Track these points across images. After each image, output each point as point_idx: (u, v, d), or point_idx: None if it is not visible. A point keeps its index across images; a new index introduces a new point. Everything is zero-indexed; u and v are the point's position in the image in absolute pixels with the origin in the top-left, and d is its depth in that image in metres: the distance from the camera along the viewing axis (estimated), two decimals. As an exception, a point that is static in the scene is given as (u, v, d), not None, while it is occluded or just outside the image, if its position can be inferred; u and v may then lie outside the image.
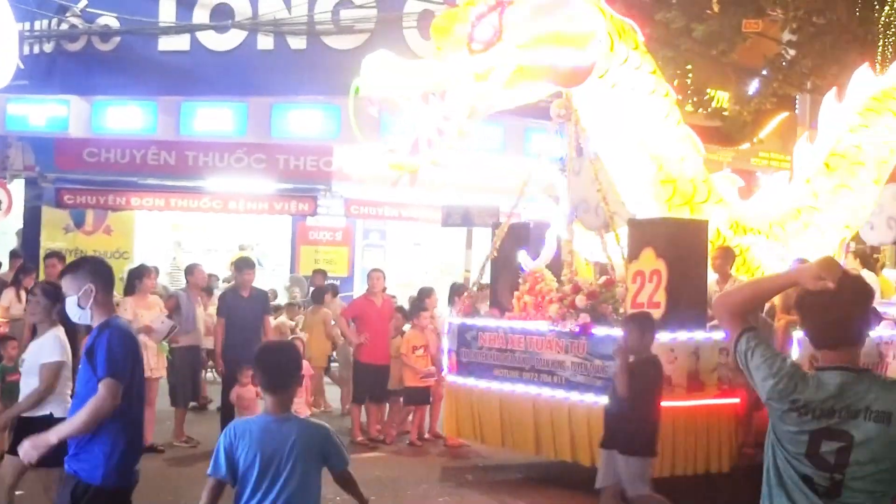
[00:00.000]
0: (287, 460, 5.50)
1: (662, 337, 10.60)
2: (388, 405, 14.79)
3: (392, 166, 11.41)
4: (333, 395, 17.21)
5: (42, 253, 20.97)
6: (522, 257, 12.41)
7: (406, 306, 16.00)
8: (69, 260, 18.44)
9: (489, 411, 12.13)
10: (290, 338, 16.78)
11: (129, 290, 13.76)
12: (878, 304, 13.34)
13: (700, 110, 23.81)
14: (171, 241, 25.75)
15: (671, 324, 10.73)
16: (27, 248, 23.12)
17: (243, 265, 14.52)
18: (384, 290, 15.25)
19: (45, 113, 24.52)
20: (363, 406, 14.63)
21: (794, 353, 11.34)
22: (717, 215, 12.45)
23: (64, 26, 25.21)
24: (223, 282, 21.29)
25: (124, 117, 24.43)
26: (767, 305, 11.93)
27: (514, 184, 13.44)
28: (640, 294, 10.89)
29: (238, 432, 5.58)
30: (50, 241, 24.27)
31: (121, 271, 20.38)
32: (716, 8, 22.95)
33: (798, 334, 11.46)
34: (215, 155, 24.24)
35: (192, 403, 15.18)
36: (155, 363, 13.27)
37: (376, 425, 14.59)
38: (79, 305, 6.34)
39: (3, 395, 12.18)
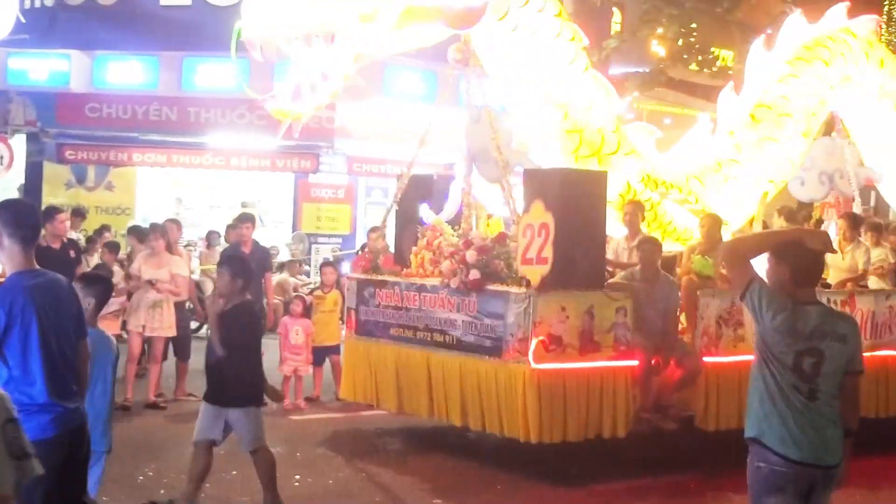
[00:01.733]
0: None
1: (552, 294, 10.05)
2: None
3: (274, 113, 10.85)
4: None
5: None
6: (424, 211, 11.80)
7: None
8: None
9: (385, 373, 11.55)
10: (293, 296, 16.73)
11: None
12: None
13: (705, 70, 23.71)
14: (173, 197, 25.57)
15: (560, 280, 10.11)
16: None
17: (241, 219, 14.72)
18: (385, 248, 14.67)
19: (46, 67, 24.57)
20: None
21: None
22: (627, 168, 11.83)
23: (65, -21, 24.69)
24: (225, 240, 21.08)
25: (126, 72, 24.52)
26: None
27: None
28: (529, 249, 10.26)
29: None
30: (52, 196, 24.31)
31: (122, 227, 21.02)
32: None
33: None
34: (217, 111, 24.16)
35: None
36: (160, 322, 13.26)
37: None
38: None
39: None
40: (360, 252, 13.77)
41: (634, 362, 10.52)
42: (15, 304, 5.54)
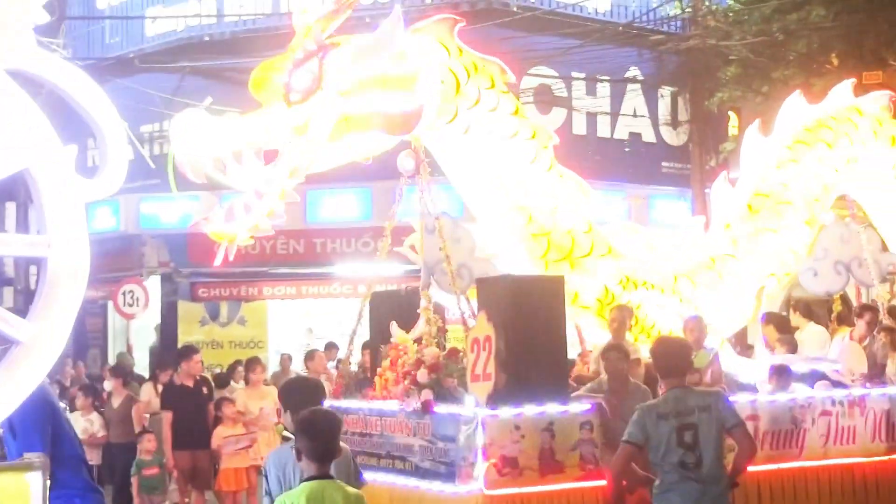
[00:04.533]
0: None
1: (503, 413, 9.24)
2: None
3: (211, 235, 10.34)
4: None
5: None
6: (394, 329, 11.09)
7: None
8: (205, 352, 19.59)
9: (351, 505, 10.77)
10: None
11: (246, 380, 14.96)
12: (803, 358, 11.78)
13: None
14: (304, 328, 26.05)
15: (508, 397, 9.29)
16: (165, 343, 24.59)
17: None
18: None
19: (176, 210, 24.99)
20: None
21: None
22: (603, 270, 11.00)
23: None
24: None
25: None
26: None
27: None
28: (476, 365, 9.48)
29: None
30: (187, 334, 25.15)
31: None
32: (835, 62, 22.50)
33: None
34: (342, 241, 24.72)
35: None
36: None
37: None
38: None
39: (140, 490, 13.49)
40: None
41: (604, 482, 9.60)
42: None
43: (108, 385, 15.19)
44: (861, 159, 12.54)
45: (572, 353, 11.94)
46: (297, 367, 20.66)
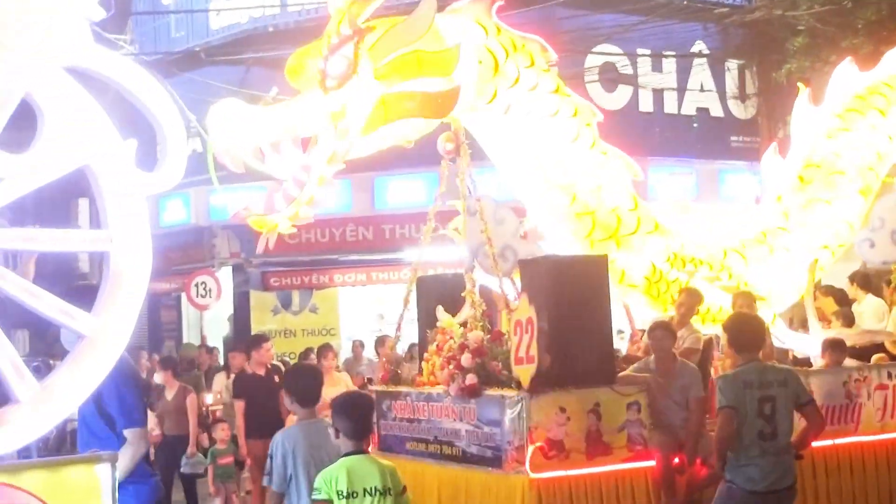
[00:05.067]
0: None
1: (547, 395, 9.13)
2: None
3: (253, 225, 10.29)
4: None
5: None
6: (441, 313, 11.02)
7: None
8: (278, 341, 19.74)
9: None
10: None
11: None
12: (858, 331, 11.52)
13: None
14: (375, 314, 25.91)
15: (556, 379, 9.19)
16: (238, 333, 24.78)
17: None
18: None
19: (244, 201, 24.74)
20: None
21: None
22: (650, 247, 10.81)
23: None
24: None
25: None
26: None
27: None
28: (519, 348, 9.36)
29: None
30: (260, 324, 25.40)
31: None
32: None
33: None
34: (411, 226, 24.18)
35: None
36: None
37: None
38: None
39: (215, 478, 13.68)
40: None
41: (652, 463, 9.47)
42: None
43: (158, 378, 15.18)
44: (916, 126, 12.19)
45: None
46: (369, 353, 20.81)
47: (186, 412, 14.21)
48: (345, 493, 6.55)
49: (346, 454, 6.74)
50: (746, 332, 8.21)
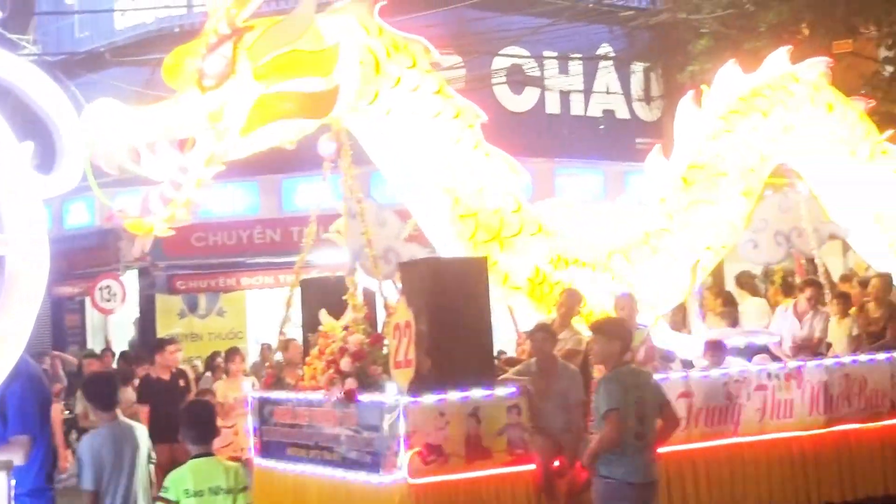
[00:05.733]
0: None
1: (426, 399, 9.06)
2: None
3: (129, 227, 10.11)
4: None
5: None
6: (323, 316, 10.91)
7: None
8: (184, 344, 19.51)
9: (284, 499, 10.60)
10: None
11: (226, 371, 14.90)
12: (740, 332, 11.62)
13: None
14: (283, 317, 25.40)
15: (432, 383, 9.10)
16: (144, 337, 24.34)
17: None
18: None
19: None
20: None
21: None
22: (534, 249, 10.78)
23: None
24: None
25: (228, 200, 24.78)
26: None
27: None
28: (398, 351, 9.29)
29: None
30: (166, 328, 25.02)
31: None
32: (806, 32, 22.22)
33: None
34: (319, 229, 23.74)
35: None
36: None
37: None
38: None
39: None
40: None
41: (533, 467, 9.43)
42: None
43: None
44: (798, 127, 12.29)
45: (508, 335, 11.83)
46: (278, 356, 20.61)
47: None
48: (192, 492, 7.03)
49: (193, 457, 7.20)
50: (614, 336, 8.37)
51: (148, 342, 21.26)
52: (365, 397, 9.49)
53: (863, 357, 11.30)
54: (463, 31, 23.92)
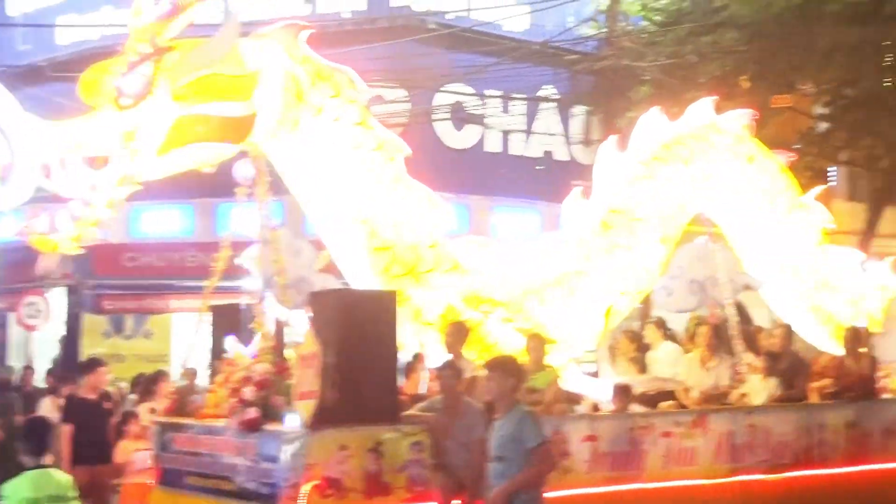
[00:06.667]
0: None
1: (327, 432, 8.96)
2: None
3: (35, 245, 9.95)
4: None
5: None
6: (229, 343, 10.80)
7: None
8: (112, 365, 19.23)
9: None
10: None
11: (145, 395, 14.60)
12: (650, 378, 11.66)
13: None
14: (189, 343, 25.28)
15: (335, 416, 9.01)
16: (67, 356, 24.25)
17: None
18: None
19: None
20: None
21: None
22: (448, 286, 10.73)
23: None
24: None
25: (162, 221, 25.06)
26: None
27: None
28: (303, 382, 9.19)
29: None
30: (90, 347, 24.71)
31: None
32: (746, 85, 22.72)
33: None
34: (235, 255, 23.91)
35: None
36: None
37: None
38: None
39: None
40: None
41: (433, 504, 9.37)
42: None
43: None
44: (717, 178, 12.38)
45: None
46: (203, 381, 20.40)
47: None
48: (29, 500, 7.48)
49: (30, 468, 7.68)
50: (510, 374, 8.44)
51: (71, 361, 21.06)
52: (266, 428, 9.38)
53: (768, 408, 11.36)
54: (408, 66, 24.00)
